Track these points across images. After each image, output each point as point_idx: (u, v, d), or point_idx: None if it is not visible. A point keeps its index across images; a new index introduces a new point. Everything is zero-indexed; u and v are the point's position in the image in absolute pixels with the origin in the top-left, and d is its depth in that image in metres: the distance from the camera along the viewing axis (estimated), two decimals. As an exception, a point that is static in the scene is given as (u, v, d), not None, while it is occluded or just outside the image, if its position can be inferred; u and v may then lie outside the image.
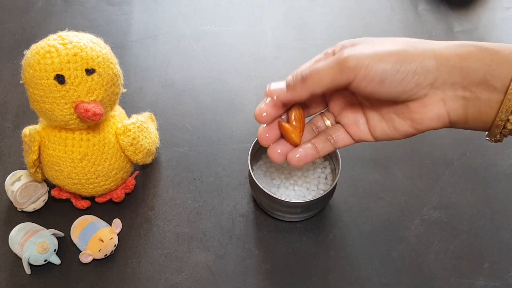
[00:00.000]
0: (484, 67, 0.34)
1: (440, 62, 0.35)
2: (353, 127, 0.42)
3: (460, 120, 0.37)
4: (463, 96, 0.35)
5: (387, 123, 0.39)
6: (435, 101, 0.36)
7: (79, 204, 0.54)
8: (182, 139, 0.62)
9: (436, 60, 0.35)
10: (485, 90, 0.34)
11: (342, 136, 0.42)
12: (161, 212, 0.56)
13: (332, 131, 0.43)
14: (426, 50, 0.35)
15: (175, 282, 0.51)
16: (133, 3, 0.77)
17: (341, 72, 0.36)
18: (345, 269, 0.52)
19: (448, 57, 0.35)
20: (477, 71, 0.34)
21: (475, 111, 0.36)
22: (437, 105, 0.36)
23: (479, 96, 0.35)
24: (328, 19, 0.75)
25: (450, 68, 0.35)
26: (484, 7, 0.77)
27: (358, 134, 0.42)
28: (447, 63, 0.35)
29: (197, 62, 0.69)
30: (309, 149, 0.42)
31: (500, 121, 0.35)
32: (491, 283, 0.51)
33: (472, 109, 0.36)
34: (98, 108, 0.45)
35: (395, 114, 0.39)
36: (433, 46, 0.36)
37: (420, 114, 0.37)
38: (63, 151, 0.49)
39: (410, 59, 0.35)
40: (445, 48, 0.35)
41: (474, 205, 0.56)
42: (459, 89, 0.35)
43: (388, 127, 0.40)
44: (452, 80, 0.35)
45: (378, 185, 0.58)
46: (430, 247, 0.53)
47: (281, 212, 0.52)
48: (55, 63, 0.44)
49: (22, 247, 0.50)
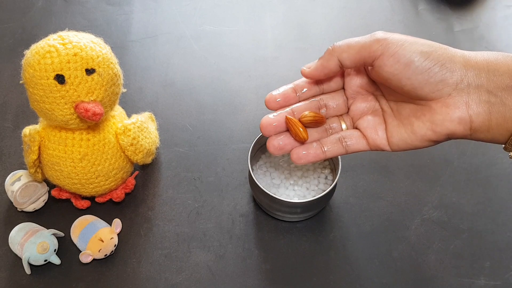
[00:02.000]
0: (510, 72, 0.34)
1: (468, 64, 0.35)
2: (371, 131, 0.40)
3: (483, 126, 0.35)
4: (487, 101, 0.34)
5: (406, 127, 0.38)
6: (459, 103, 0.35)
7: (79, 204, 0.54)
8: (182, 139, 0.62)
9: (465, 61, 0.35)
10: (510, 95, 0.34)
11: (357, 141, 0.41)
12: (161, 212, 0.56)
13: (347, 134, 0.41)
14: (456, 52, 0.35)
15: (175, 282, 0.51)
16: (133, 3, 0.77)
17: (371, 44, 0.36)
18: (345, 269, 0.52)
19: (476, 60, 0.35)
20: (504, 76, 0.34)
21: (500, 117, 0.34)
22: (460, 108, 0.35)
23: (505, 101, 0.34)
24: (328, 19, 0.75)
25: (477, 70, 0.34)
26: (484, 6, 0.77)
27: (374, 140, 0.40)
28: (475, 65, 0.35)
29: (197, 62, 0.69)
30: (315, 148, 0.41)
31: None
32: (491, 282, 0.51)
33: (496, 115, 0.34)
34: (98, 108, 0.45)
35: (415, 117, 0.37)
36: (462, 51, 0.36)
37: (442, 115, 0.36)
38: (63, 151, 0.49)
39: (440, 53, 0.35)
40: (474, 54, 0.35)
41: (474, 204, 0.56)
42: (484, 92, 0.34)
43: (406, 131, 0.38)
44: (478, 82, 0.34)
45: (378, 185, 0.58)
46: (430, 247, 0.53)
47: (281, 212, 0.52)
48: (55, 63, 0.44)
49: (22, 247, 0.50)
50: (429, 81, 0.35)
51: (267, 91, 0.66)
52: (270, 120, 0.41)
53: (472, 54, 0.36)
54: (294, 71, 0.69)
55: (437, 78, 0.35)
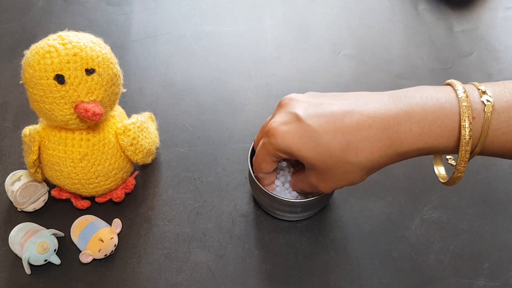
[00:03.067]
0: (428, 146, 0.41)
1: (378, 163, 0.42)
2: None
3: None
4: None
5: None
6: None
7: (79, 204, 0.54)
8: (182, 139, 0.62)
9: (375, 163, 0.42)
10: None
11: None
12: (161, 212, 0.56)
13: None
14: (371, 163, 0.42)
15: (175, 282, 0.51)
16: (133, 3, 0.77)
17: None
18: (345, 269, 0.52)
19: (388, 155, 0.42)
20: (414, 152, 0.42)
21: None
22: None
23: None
24: (328, 19, 0.75)
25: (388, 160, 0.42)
26: (484, 7, 0.77)
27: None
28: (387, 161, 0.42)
29: (197, 62, 0.70)
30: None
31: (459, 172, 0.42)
32: (491, 283, 0.51)
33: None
34: (98, 108, 0.45)
35: None
36: (371, 156, 0.41)
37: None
38: (63, 151, 0.49)
39: (364, 171, 0.43)
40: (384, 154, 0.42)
41: (474, 205, 0.56)
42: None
43: None
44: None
45: (378, 185, 0.58)
46: (430, 247, 0.53)
47: (281, 212, 0.52)
48: (55, 63, 0.44)
49: (22, 247, 0.50)
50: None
51: (267, 91, 0.66)
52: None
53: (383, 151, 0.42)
54: (294, 71, 0.69)
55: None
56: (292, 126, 0.43)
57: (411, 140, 0.40)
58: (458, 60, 0.71)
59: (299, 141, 0.42)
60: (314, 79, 0.68)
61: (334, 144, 0.41)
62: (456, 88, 0.39)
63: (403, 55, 0.71)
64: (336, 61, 0.70)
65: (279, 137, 0.43)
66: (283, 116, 0.44)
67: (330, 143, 0.41)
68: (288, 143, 0.43)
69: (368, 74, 0.69)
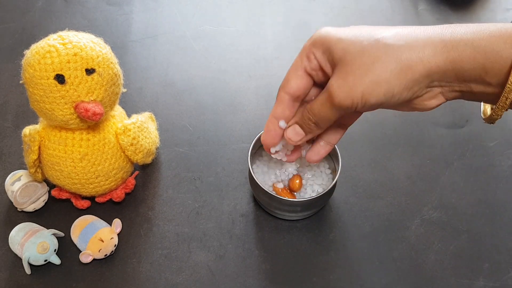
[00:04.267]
0: (478, 66, 0.34)
1: (432, 71, 0.35)
2: None
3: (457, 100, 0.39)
4: (459, 90, 0.37)
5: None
6: (434, 95, 0.38)
7: (79, 204, 0.54)
8: (182, 139, 0.62)
9: (428, 70, 0.35)
10: (479, 84, 0.36)
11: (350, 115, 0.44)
12: (161, 212, 0.56)
13: None
14: (415, 63, 0.35)
15: (175, 282, 0.51)
16: (133, 3, 0.77)
17: (340, 112, 0.38)
18: (345, 269, 0.52)
19: (439, 65, 0.35)
20: (471, 71, 0.35)
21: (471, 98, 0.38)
22: (436, 98, 0.38)
23: (474, 90, 0.36)
24: (328, 19, 0.75)
25: (443, 74, 0.36)
26: (484, 8, 0.77)
27: None
28: (439, 70, 0.35)
29: (197, 62, 0.69)
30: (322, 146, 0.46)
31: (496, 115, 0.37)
32: (490, 284, 0.51)
33: (468, 97, 0.38)
34: (98, 108, 0.45)
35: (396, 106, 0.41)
36: (421, 54, 0.35)
37: (421, 105, 0.39)
38: (63, 151, 0.49)
39: (399, 80, 0.35)
40: (434, 55, 0.35)
41: (474, 205, 0.56)
42: (456, 84, 0.37)
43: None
44: (447, 80, 0.36)
45: (378, 185, 0.58)
46: (430, 247, 0.53)
47: (281, 211, 0.53)
48: (55, 63, 0.44)
49: (22, 247, 0.50)
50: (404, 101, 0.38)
51: (267, 91, 0.66)
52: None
53: (432, 55, 0.35)
54: (294, 71, 0.68)
55: (408, 96, 0.37)
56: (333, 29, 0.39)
57: (466, 53, 0.34)
58: (458, 60, 0.71)
59: (338, 29, 0.39)
60: (314, 79, 0.68)
61: (378, 31, 0.37)
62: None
63: (403, 55, 0.71)
64: (336, 61, 0.70)
65: (317, 31, 0.39)
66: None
67: (372, 31, 0.37)
68: (326, 29, 0.39)
69: (368, 74, 0.69)
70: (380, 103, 0.37)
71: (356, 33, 0.38)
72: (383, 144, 0.61)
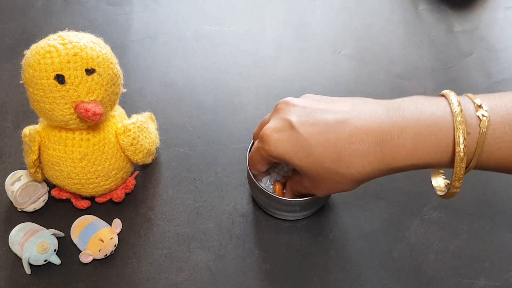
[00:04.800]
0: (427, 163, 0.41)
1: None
2: None
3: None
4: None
5: None
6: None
7: (79, 204, 0.54)
8: (182, 139, 0.62)
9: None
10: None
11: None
12: (161, 212, 0.56)
13: None
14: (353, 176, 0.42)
15: (175, 282, 0.51)
16: (133, 3, 0.77)
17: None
18: (345, 269, 0.52)
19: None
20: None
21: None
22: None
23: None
24: (328, 19, 0.75)
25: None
26: (484, 6, 0.77)
27: None
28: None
29: (197, 62, 0.70)
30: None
31: (454, 188, 0.42)
32: (491, 283, 0.51)
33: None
34: (98, 108, 0.45)
35: None
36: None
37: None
38: (63, 151, 0.49)
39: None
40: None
41: (474, 205, 0.56)
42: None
43: None
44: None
45: (378, 185, 0.58)
46: (430, 247, 0.53)
47: (280, 211, 0.53)
48: (55, 63, 0.44)
49: (22, 247, 0.50)
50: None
51: (267, 91, 0.66)
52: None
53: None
54: (294, 71, 0.69)
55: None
56: (285, 134, 0.43)
57: (404, 155, 0.39)
58: (458, 60, 0.71)
59: (291, 149, 0.42)
60: (314, 79, 0.68)
61: (326, 155, 0.41)
62: (451, 102, 0.39)
63: (403, 55, 0.71)
64: (336, 61, 0.70)
65: (272, 144, 0.43)
66: (277, 122, 0.44)
67: (321, 155, 0.41)
68: (280, 151, 0.43)
69: (368, 74, 0.69)
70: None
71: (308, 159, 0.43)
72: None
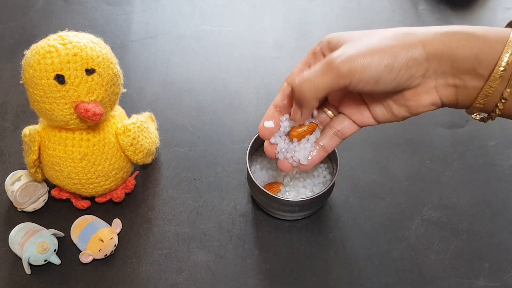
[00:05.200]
0: (471, 55, 0.35)
1: (430, 54, 0.36)
2: (356, 115, 0.43)
3: (451, 103, 0.39)
4: (453, 84, 0.37)
5: (386, 109, 0.41)
6: (428, 89, 0.38)
7: (79, 204, 0.54)
8: (182, 139, 0.62)
9: (426, 52, 0.36)
10: (473, 78, 0.36)
11: (348, 125, 0.43)
12: (161, 212, 0.56)
13: (337, 123, 0.43)
14: (414, 43, 0.36)
15: (175, 282, 0.51)
16: (133, 3, 0.77)
17: (336, 79, 0.36)
18: (345, 269, 0.52)
19: (437, 48, 0.36)
20: (466, 60, 0.35)
21: (464, 96, 0.37)
22: (430, 93, 0.38)
23: (467, 83, 0.36)
24: (328, 19, 0.75)
25: (439, 59, 0.36)
26: (484, 7, 0.77)
27: (362, 120, 0.43)
28: (436, 53, 0.36)
29: (197, 62, 0.70)
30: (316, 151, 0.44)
31: (479, 104, 0.37)
32: (491, 283, 0.51)
33: (462, 95, 0.37)
34: (98, 108, 0.45)
35: (392, 101, 0.40)
36: (421, 37, 0.36)
37: (415, 101, 0.39)
38: (63, 151, 0.49)
39: (401, 55, 0.36)
40: (433, 38, 0.36)
41: (474, 205, 0.56)
42: (450, 77, 0.37)
43: (387, 112, 0.41)
44: (442, 69, 0.36)
45: (378, 185, 0.58)
46: (430, 247, 0.53)
47: (280, 211, 0.52)
48: (55, 63, 0.44)
49: (22, 247, 0.50)
50: (400, 83, 0.37)
51: (267, 91, 0.66)
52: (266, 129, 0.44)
53: (431, 39, 0.36)
54: (294, 71, 0.69)
55: (405, 78, 0.37)
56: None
57: (462, 42, 0.36)
58: (458, 60, 0.71)
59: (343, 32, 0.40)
60: (314, 79, 0.68)
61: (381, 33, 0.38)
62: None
63: (403, 55, 0.71)
64: (336, 61, 0.70)
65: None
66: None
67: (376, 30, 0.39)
68: (333, 33, 0.40)
69: (368, 74, 0.69)
70: (377, 77, 0.36)
71: (360, 32, 0.39)
72: (383, 144, 0.61)
